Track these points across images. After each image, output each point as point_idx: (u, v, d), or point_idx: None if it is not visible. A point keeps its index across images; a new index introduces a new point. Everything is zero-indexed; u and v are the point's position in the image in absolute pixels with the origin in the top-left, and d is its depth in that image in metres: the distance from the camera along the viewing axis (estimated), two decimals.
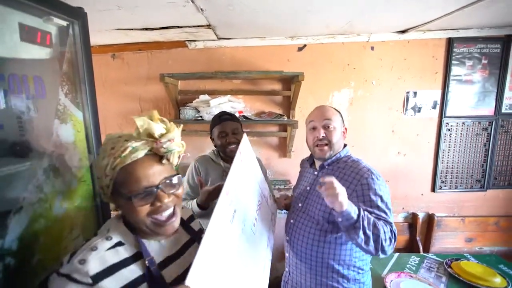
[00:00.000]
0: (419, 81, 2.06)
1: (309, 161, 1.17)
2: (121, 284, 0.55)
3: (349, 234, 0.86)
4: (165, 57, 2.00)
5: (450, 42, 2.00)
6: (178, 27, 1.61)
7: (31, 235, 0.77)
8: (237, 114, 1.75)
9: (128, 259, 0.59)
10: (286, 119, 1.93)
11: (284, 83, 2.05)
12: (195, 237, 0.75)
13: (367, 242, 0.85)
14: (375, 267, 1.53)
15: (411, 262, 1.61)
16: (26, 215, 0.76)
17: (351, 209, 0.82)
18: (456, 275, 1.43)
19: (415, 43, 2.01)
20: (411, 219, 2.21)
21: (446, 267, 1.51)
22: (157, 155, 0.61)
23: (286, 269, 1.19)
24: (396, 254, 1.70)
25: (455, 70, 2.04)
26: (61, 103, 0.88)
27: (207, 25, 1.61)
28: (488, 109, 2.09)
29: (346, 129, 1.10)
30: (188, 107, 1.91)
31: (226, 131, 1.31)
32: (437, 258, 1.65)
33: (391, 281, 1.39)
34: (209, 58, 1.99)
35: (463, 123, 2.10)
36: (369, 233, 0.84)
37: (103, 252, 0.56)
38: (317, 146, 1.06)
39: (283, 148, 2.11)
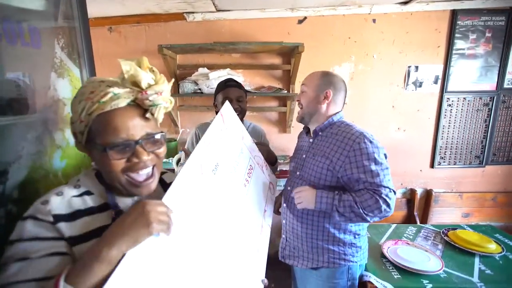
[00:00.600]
0: (421, 55, 2.03)
1: (305, 129, 1.18)
2: (83, 230, 0.53)
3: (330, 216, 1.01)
4: (163, 30, 1.96)
5: (453, 14, 1.96)
6: None
7: (31, 185, 0.78)
8: None
9: (95, 208, 0.56)
10: (286, 92, 1.91)
11: (284, 56, 2.02)
12: None
13: (348, 220, 0.97)
14: (373, 236, 1.56)
15: (408, 232, 1.64)
16: (25, 164, 0.76)
17: (322, 205, 0.97)
18: (452, 243, 1.46)
19: (418, 16, 1.97)
20: (409, 195, 2.23)
21: (443, 235, 1.54)
22: (141, 108, 0.55)
23: (283, 236, 1.21)
24: (394, 225, 1.72)
25: (458, 43, 2.00)
26: (57, 56, 0.87)
27: None
28: (490, 84, 2.07)
29: (327, 92, 1.05)
30: (187, 81, 1.89)
31: (231, 97, 1.28)
32: (434, 228, 1.67)
33: (388, 247, 1.41)
34: (207, 31, 1.96)
35: (464, 98, 2.09)
36: (348, 215, 0.95)
37: (69, 198, 0.54)
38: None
39: (283, 123, 2.10)
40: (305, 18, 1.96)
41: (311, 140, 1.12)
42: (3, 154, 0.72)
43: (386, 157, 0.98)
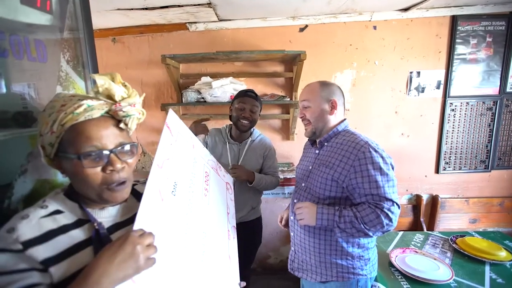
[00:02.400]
0: (423, 61, 2.04)
1: (311, 141, 1.17)
2: (58, 250, 0.51)
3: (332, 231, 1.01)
4: (166, 40, 1.99)
5: (454, 20, 1.98)
6: (179, 6, 1.59)
7: (36, 199, 0.77)
8: None
9: (68, 226, 0.54)
10: (288, 99, 1.91)
11: (286, 64, 2.03)
12: None
13: (350, 235, 0.97)
14: (380, 243, 1.53)
15: (416, 239, 1.61)
16: (31, 178, 0.76)
17: (323, 222, 0.96)
18: (462, 250, 1.43)
19: (418, 22, 1.98)
20: (415, 201, 2.21)
21: (451, 243, 1.51)
22: (114, 119, 0.56)
23: (292, 248, 1.19)
24: (401, 232, 1.69)
25: (459, 49, 2.01)
26: (63, 70, 0.87)
27: (207, 4, 1.59)
28: (492, 88, 2.07)
29: (333, 102, 1.04)
30: (190, 90, 1.90)
31: (246, 106, 1.39)
32: (441, 235, 1.64)
33: (396, 256, 1.38)
34: (210, 41, 1.98)
35: (467, 103, 2.08)
36: (349, 230, 0.94)
37: (37, 220, 0.51)
38: (304, 125, 1.12)
39: (286, 131, 2.10)
40: (306, 26, 1.98)
41: (317, 151, 1.11)
42: (9, 168, 0.71)
43: (393, 168, 0.97)
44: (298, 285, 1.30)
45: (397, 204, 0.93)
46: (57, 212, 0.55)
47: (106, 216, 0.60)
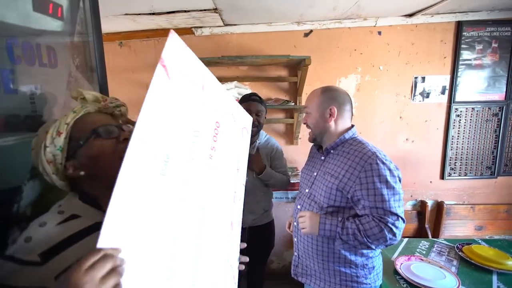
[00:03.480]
0: (428, 66, 2.03)
1: (317, 146, 1.17)
2: (76, 257, 0.47)
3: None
4: None
5: (459, 25, 1.97)
6: (185, 11, 1.61)
7: (44, 204, 0.78)
8: None
9: (86, 230, 0.53)
10: (293, 104, 1.92)
11: (290, 69, 2.04)
12: None
13: (352, 247, 0.98)
14: (384, 251, 1.51)
15: (421, 246, 1.59)
16: (39, 183, 0.77)
17: (326, 232, 0.96)
18: (468, 259, 1.41)
19: (423, 27, 1.98)
20: (420, 207, 2.19)
21: (457, 251, 1.49)
22: (108, 114, 0.64)
23: (295, 253, 1.18)
24: (405, 239, 1.68)
25: (465, 54, 2.00)
26: (72, 75, 0.89)
27: (213, 9, 1.61)
28: (498, 94, 2.05)
29: (331, 109, 1.01)
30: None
31: (251, 110, 1.38)
32: (447, 243, 1.62)
33: (401, 264, 1.37)
34: (215, 45, 1.99)
35: (472, 108, 2.07)
36: (352, 242, 0.94)
37: (53, 227, 0.51)
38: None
39: (290, 135, 2.10)
40: (311, 31, 1.99)
41: (322, 157, 1.10)
42: (18, 172, 0.72)
43: (400, 180, 0.95)
44: None
45: (402, 218, 0.92)
46: (74, 216, 0.55)
47: None
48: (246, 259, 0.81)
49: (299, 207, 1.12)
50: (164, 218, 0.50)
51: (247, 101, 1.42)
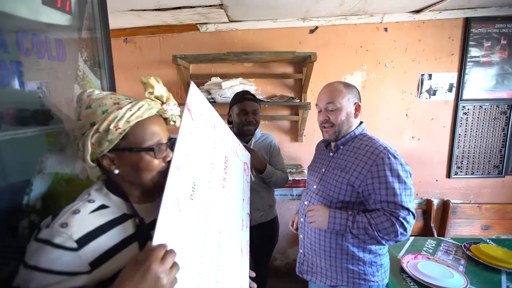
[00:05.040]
0: (434, 63, 2.01)
1: (325, 143, 1.15)
2: (109, 246, 0.53)
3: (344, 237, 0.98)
4: (176, 41, 2.00)
5: (467, 22, 1.94)
6: (191, 7, 1.61)
7: (53, 196, 0.78)
8: None
9: (114, 221, 0.56)
10: (298, 101, 1.91)
11: (295, 66, 2.03)
12: None
13: (362, 242, 0.95)
14: (390, 249, 1.50)
15: (428, 245, 1.57)
16: (48, 176, 0.77)
17: (336, 226, 0.94)
18: (476, 258, 1.39)
19: (430, 24, 1.96)
20: (425, 206, 2.17)
21: (465, 250, 1.47)
22: (162, 117, 0.65)
23: (301, 251, 1.17)
24: (412, 238, 1.66)
25: (473, 51, 1.98)
26: (80, 69, 0.89)
27: (219, 5, 1.60)
28: (507, 91, 2.02)
29: (358, 105, 1.03)
30: (200, 90, 1.90)
31: (247, 110, 1.37)
32: (454, 242, 1.60)
33: (408, 262, 1.36)
34: (220, 42, 1.99)
35: (480, 106, 2.04)
36: (362, 237, 0.92)
37: (87, 215, 0.53)
38: (324, 127, 1.06)
39: (295, 132, 2.09)
40: (317, 27, 1.98)
41: (331, 154, 1.09)
42: (27, 165, 0.73)
43: (411, 175, 0.94)
44: None
45: (413, 213, 0.91)
46: (103, 207, 0.57)
47: (144, 211, 0.62)
48: (253, 274, 0.85)
49: (306, 203, 1.12)
50: (192, 237, 0.59)
51: (242, 101, 1.39)
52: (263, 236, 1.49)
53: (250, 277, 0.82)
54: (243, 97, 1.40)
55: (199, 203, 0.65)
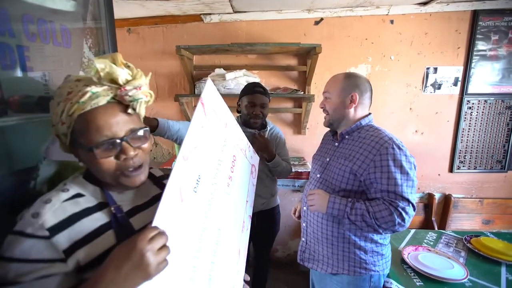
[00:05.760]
0: (440, 57, 1.98)
1: (332, 132, 1.16)
2: (83, 234, 0.51)
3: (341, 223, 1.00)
4: (180, 32, 1.99)
5: (475, 15, 1.91)
6: None
7: (60, 181, 0.79)
8: None
9: (90, 209, 0.54)
10: (301, 93, 1.90)
11: (300, 58, 2.01)
12: None
13: (359, 229, 0.96)
14: (392, 240, 1.51)
15: (428, 237, 1.59)
16: (55, 161, 0.78)
17: (334, 211, 0.96)
18: (476, 250, 1.40)
19: (437, 16, 1.93)
20: (427, 200, 2.17)
21: (466, 242, 1.48)
22: (122, 104, 0.54)
23: (303, 239, 1.19)
24: (413, 230, 1.67)
25: (479, 45, 1.95)
26: (85, 56, 0.88)
27: None
28: None
29: (353, 95, 1.01)
30: (203, 81, 1.90)
31: (255, 103, 1.38)
32: (455, 235, 1.61)
33: (409, 253, 1.37)
34: (224, 33, 1.97)
35: (485, 101, 2.02)
36: (359, 223, 0.93)
37: (59, 204, 0.52)
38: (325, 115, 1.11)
39: (298, 125, 2.08)
40: (322, 19, 1.95)
41: (336, 143, 1.09)
42: (34, 150, 0.73)
43: (415, 167, 0.94)
44: (306, 279, 1.31)
45: (413, 205, 0.91)
46: (78, 195, 0.55)
47: (124, 199, 0.60)
48: (247, 278, 0.83)
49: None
50: (191, 230, 0.58)
51: (251, 93, 1.39)
52: (264, 224, 1.51)
53: (244, 281, 0.81)
54: (253, 89, 1.40)
55: (202, 197, 0.64)
